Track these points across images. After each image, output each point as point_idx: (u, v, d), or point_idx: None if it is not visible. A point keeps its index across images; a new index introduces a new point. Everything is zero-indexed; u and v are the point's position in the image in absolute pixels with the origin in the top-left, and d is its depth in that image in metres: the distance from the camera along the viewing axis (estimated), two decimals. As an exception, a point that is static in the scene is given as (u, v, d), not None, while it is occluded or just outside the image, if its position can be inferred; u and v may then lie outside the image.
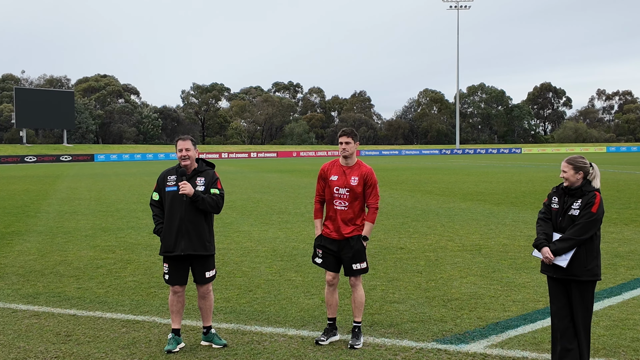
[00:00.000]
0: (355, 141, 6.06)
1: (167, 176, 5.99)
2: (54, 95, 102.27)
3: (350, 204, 6.01)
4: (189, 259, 5.92)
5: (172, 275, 5.92)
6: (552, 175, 33.73)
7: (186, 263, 5.93)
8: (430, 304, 7.26)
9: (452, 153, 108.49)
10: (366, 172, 6.05)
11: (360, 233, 6.03)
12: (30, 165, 70.28)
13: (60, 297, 7.78)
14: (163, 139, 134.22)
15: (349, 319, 6.67)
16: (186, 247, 5.81)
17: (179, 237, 5.81)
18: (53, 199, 22.31)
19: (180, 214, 5.82)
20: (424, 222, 14.58)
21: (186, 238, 5.80)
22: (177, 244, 5.82)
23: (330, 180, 6.11)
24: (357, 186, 6.00)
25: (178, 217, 5.82)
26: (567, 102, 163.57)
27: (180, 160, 5.91)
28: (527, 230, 13.02)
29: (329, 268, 6.12)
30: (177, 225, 5.81)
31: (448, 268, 9.30)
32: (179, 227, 5.80)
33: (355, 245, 5.99)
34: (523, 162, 59.72)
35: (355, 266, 6.02)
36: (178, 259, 5.88)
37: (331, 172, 6.15)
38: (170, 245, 5.85)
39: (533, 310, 6.95)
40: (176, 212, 5.83)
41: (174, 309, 5.97)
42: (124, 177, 38.09)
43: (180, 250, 5.81)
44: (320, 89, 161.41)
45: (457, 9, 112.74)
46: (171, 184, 5.92)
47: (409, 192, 23.52)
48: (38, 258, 10.51)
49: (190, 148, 5.92)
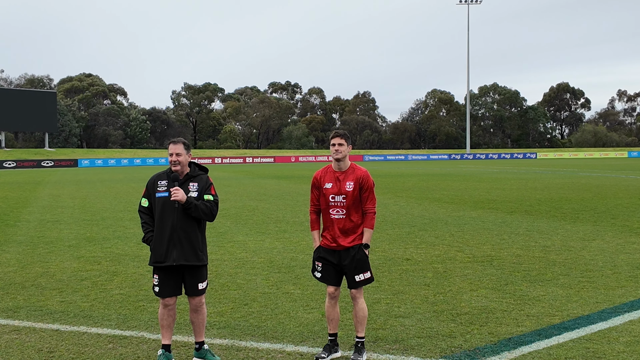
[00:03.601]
0: (348, 143, 6.09)
1: (157, 181, 5.97)
2: (35, 96, 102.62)
3: (348, 211, 6.03)
4: (181, 270, 5.91)
5: (162, 288, 5.91)
6: (569, 181, 33.79)
7: (178, 274, 5.91)
8: (438, 319, 7.29)
9: (462, 158, 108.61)
10: (361, 176, 6.06)
11: (360, 242, 6.07)
12: (9, 171, 70.39)
13: (42, 311, 7.81)
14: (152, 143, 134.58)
15: (351, 334, 6.70)
16: (178, 257, 5.80)
17: (171, 247, 5.80)
18: (34, 207, 22.36)
19: (171, 222, 5.81)
20: (431, 231, 14.62)
21: (178, 247, 5.80)
22: (168, 254, 5.81)
23: (324, 189, 6.15)
24: (352, 191, 6.02)
25: (169, 225, 5.81)
26: (585, 104, 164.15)
27: (171, 165, 5.92)
28: (542, 240, 13.05)
29: (330, 282, 6.15)
30: (169, 233, 5.80)
31: (457, 280, 9.33)
32: (171, 236, 5.80)
33: (357, 255, 6.02)
34: (538, 167, 59.82)
35: (358, 277, 6.05)
36: (169, 269, 5.87)
37: (325, 180, 6.18)
38: (161, 255, 5.84)
39: (548, 325, 6.98)
40: (167, 219, 5.82)
41: (164, 323, 5.97)
42: (109, 184, 38.16)
43: (172, 260, 5.80)
44: (321, 90, 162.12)
45: (468, 3, 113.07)
46: (162, 189, 5.90)
47: (416, 199, 23.57)
48: (18, 270, 10.54)
49: (182, 152, 5.91)
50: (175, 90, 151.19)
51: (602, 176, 39.55)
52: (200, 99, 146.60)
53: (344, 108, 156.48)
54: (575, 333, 6.64)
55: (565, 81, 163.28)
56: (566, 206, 20.00)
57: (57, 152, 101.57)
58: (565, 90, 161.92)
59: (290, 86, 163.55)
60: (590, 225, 15.33)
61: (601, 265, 10.27)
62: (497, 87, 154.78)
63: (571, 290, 8.56)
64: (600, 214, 17.59)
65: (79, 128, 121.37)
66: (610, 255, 11.18)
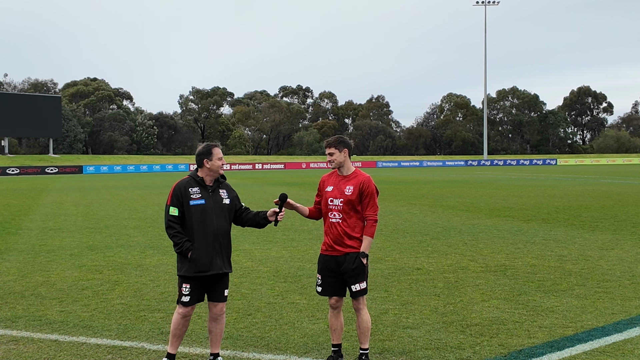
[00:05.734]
0: (340, 150, 6.15)
1: (188, 188, 6.00)
2: (39, 100, 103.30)
3: (346, 215, 6.08)
4: (210, 278, 6.04)
5: (193, 297, 6.00)
6: (590, 189, 33.66)
7: (206, 282, 6.05)
8: (447, 330, 7.31)
9: (479, 164, 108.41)
10: (363, 181, 6.12)
11: (358, 250, 6.11)
12: (13, 178, 70.93)
13: (41, 321, 7.89)
14: (159, 149, 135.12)
15: (356, 345, 6.73)
16: (221, 264, 6.00)
17: (214, 255, 5.95)
18: (36, 215, 22.54)
19: (213, 230, 5.95)
20: (444, 240, 14.63)
21: (220, 255, 5.99)
22: (212, 263, 5.94)
23: (325, 192, 6.24)
24: (351, 196, 6.07)
25: (211, 232, 5.95)
26: (607, 108, 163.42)
27: (220, 169, 6.08)
28: (558, 249, 13.03)
29: (330, 294, 6.21)
30: (212, 242, 5.94)
31: (469, 291, 9.34)
32: (213, 244, 5.95)
33: (354, 264, 6.05)
34: (558, 174, 59.59)
35: (355, 287, 6.09)
36: (205, 278, 6.00)
37: (327, 183, 6.29)
38: (205, 265, 5.91)
39: (561, 336, 6.98)
40: (209, 227, 5.95)
41: (178, 332, 6.06)
42: (114, 191, 38.38)
43: (217, 268, 5.96)
44: (332, 94, 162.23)
45: (485, 4, 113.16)
46: (196, 196, 5.96)
47: (429, 207, 23.57)
48: (18, 279, 10.64)
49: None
50: (183, 94, 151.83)
51: (625, 183, 39.36)
52: (208, 104, 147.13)
53: (356, 113, 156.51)
54: (589, 345, 6.64)
55: (586, 84, 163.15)
56: (585, 214, 19.94)
57: (61, 158, 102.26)
58: (586, 93, 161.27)
59: (301, 90, 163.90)
60: (609, 234, 15.28)
61: (619, 275, 10.25)
62: (516, 91, 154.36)
63: (586, 301, 8.56)
64: (620, 222, 17.52)
65: (84, 133, 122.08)
66: (628, 265, 11.15)
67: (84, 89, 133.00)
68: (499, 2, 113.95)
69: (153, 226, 18.22)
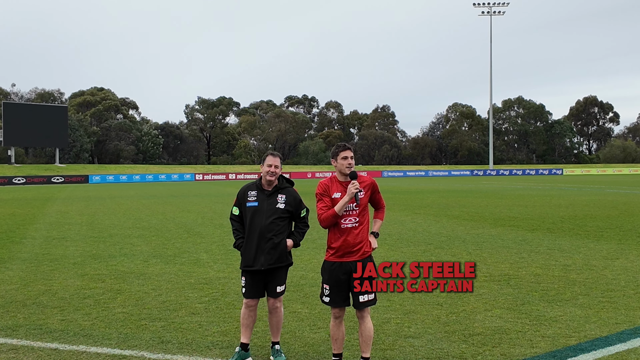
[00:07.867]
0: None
1: (247, 191, 6.75)
2: (45, 110, 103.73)
3: (361, 218, 6.18)
4: (265, 274, 6.62)
5: (248, 289, 6.67)
6: (595, 198, 33.54)
7: (263, 277, 6.64)
8: (449, 339, 7.26)
9: (484, 174, 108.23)
10: (372, 182, 6.36)
11: (369, 250, 6.18)
12: (19, 187, 71.13)
13: (41, 330, 7.88)
14: (164, 159, 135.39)
15: (357, 355, 6.69)
16: (265, 261, 6.55)
17: (258, 253, 6.55)
18: (41, 224, 22.57)
19: (259, 230, 6.57)
20: (448, 249, 14.57)
21: (265, 253, 6.54)
22: (256, 259, 6.56)
23: (334, 199, 6.18)
24: (364, 198, 6.23)
25: (257, 232, 6.57)
26: (614, 118, 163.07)
27: (267, 175, 6.63)
28: (562, 259, 12.96)
29: (339, 304, 6.17)
30: (257, 240, 6.57)
31: (472, 300, 9.29)
32: (258, 243, 6.56)
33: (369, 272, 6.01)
34: (564, 184, 59.45)
35: (362, 298, 6.04)
36: (256, 273, 6.62)
37: (332, 190, 6.24)
38: (249, 260, 6.60)
39: (564, 346, 6.93)
40: (256, 227, 6.59)
41: (245, 322, 6.70)
42: (120, 200, 38.44)
43: (260, 265, 6.55)
44: (338, 104, 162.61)
45: (490, 14, 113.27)
46: (252, 199, 6.68)
47: (434, 216, 23.51)
48: (20, 287, 10.64)
49: (279, 165, 6.70)
50: (188, 104, 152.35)
51: (631, 193, 39.22)
52: (214, 114, 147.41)
53: (362, 122, 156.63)
54: (592, 355, 6.59)
55: (592, 94, 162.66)
56: (590, 224, 19.86)
57: (67, 167, 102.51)
58: (592, 103, 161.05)
59: (307, 100, 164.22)
60: (614, 243, 15.20)
61: (623, 285, 10.18)
62: (522, 101, 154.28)
63: (590, 311, 8.50)
64: (625, 232, 17.44)
65: (91, 143, 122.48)
66: (633, 275, 11.08)
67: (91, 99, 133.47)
68: (505, 13, 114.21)
69: (157, 235, 18.21)
